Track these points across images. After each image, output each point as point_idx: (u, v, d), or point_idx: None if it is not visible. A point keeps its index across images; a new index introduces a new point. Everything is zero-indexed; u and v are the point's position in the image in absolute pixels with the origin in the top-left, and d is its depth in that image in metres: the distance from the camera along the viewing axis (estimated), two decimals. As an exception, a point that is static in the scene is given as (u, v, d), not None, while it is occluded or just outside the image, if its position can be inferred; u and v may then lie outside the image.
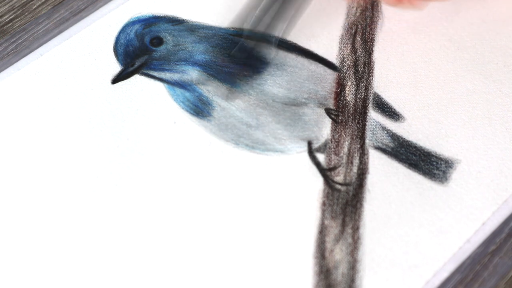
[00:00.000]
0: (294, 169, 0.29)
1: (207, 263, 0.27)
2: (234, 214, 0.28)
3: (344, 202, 0.28)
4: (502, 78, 0.31)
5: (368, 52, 0.32)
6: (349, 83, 0.31)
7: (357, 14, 0.33)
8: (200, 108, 0.30)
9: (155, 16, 0.33)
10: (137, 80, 0.31)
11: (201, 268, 0.27)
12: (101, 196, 0.28)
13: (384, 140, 0.30)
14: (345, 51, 0.32)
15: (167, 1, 0.34)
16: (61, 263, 0.27)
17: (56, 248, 0.27)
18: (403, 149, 0.30)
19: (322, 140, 0.30)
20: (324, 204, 0.28)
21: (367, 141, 0.30)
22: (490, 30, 0.33)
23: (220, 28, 0.33)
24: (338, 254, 0.27)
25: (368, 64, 0.32)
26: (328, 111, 0.30)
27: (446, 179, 0.29)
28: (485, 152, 0.30)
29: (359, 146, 0.30)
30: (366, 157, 0.29)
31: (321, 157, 0.29)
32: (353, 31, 0.33)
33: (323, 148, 0.30)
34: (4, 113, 0.31)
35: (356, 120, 0.30)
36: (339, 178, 0.29)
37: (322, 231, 0.28)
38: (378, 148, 0.30)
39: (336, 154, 0.29)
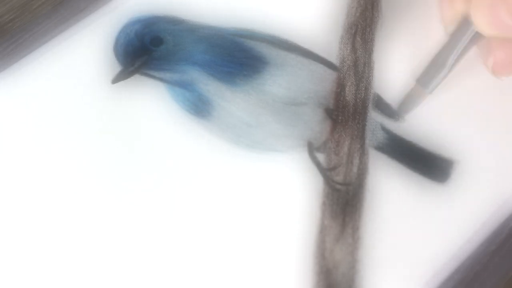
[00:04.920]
0: (294, 169, 0.29)
1: (207, 262, 0.27)
2: (234, 214, 0.28)
3: (344, 202, 0.28)
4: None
5: (368, 52, 0.32)
6: (349, 83, 0.31)
7: (357, 14, 0.33)
8: (200, 108, 0.30)
9: (155, 16, 0.33)
10: (137, 80, 0.31)
11: (201, 267, 0.27)
12: (100, 196, 0.28)
13: (384, 140, 0.30)
14: (345, 51, 0.32)
15: (167, 1, 0.34)
16: (61, 262, 0.27)
17: (56, 247, 0.27)
18: (403, 149, 0.30)
19: (322, 140, 0.30)
20: (324, 204, 0.28)
21: (367, 141, 0.30)
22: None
23: (220, 28, 0.32)
24: (338, 254, 0.27)
25: (368, 64, 0.32)
26: (328, 111, 0.30)
27: (446, 179, 0.29)
28: (485, 152, 0.30)
29: (359, 146, 0.30)
30: (366, 157, 0.29)
31: (321, 157, 0.29)
32: (353, 31, 0.33)
33: (323, 148, 0.30)
34: (4, 113, 0.31)
35: (356, 120, 0.30)
36: (339, 178, 0.29)
37: (322, 231, 0.28)
38: (378, 148, 0.30)
39: (336, 154, 0.29)
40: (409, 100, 0.30)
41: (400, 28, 0.33)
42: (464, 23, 0.28)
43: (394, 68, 0.32)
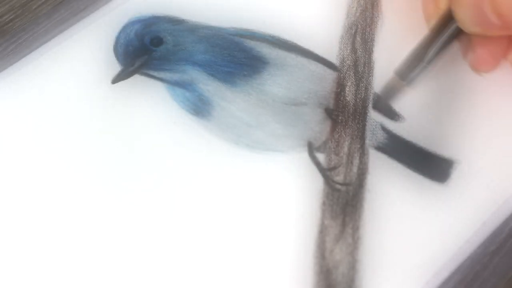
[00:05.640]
0: (294, 169, 0.29)
1: (207, 262, 0.27)
2: (234, 214, 0.28)
3: (344, 202, 0.28)
4: (503, 78, 0.31)
5: (368, 52, 0.32)
6: (349, 83, 0.31)
7: (357, 14, 0.33)
8: (200, 108, 0.30)
9: (155, 16, 0.33)
10: (137, 80, 0.31)
11: (201, 267, 0.27)
12: (100, 197, 0.28)
13: (384, 140, 0.30)
14: (345, 51, 0.32)
15: (167, 1, 0.34)
16: (62, 262, 0.27)
17: (57, 247, 0.27)
18: (403, 149, 0.30)
19: (322, 140, 0.30)
20: (324, 204, 0.28)
21: (367, 141, 0.30)
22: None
23: (220, 28, 0.32)
24: (338, 254, 0.27)
25: (368, 64, 0.32)
26: (328, 111, 0.30)
27: (446, 179, 0.29)
28: (485, 152, 0.30)
29: (359, 146, 0.30)
30: (366, 157, 0.29)
31: (321, 157, 0.29)
32: (353, 31, 0.33)
33: (323, 148, 0.30)
34: (4, 113, 0.31)
35: (356, 120, 0.30)
36: (339, 178, 0.29)
37: (322, 231, 0.28)
38: (378, 148, 0.30)
39: (336, 154, 0.29)
40: (388, 91, 0.30)
41: (400, 28, 0.33)
42: (446, 18, 0.28)
43: (394, 68, 0.32)
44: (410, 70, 0.29)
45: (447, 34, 0.28)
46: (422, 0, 0.30)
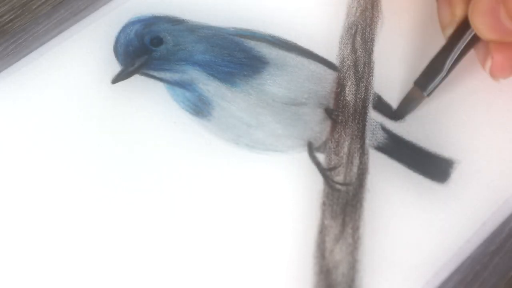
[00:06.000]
0: (294, 169, 0.29)
1: (207, 262, 0.27)
2: (234, 214, 0.28)
3: (344, 202, 0.28)
4: (502, 78, 0.31)
5: (368, 52, 0.32)
6: (349, 83, 0.31)
7: (357, 14, 0.33)
8: (200, 108, 0.30)
9: (155, 16, 0.33)
10: (137, 80, 0.31)
11: (201, 267, 0.27)
12: (100, 196, 0.28)
13: (384, 140, 0.30)
14: (345, 51, 0.32)
15: (167, 1, 0.34)
16: (62, 262, 0.27)
17: (58, 247, 0.27)
18: (403, 149, 0.30)
19: (322, 140, 0.30)
20: (324, 204, 0.28)
21: (367, 141, 0.30)
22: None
23: (220, 28, 0.33)
24: (338, 254, 0.27)
25: (368, 64, 0.32)
26: (328, 111, 0.30)
27: (446, 179, 0.29)
28: (485, 152, 0.30)
29: (359, 146, 0.30)
30: (366, 157, 0.29)
31: (321, 157, 0.29)
32: (353, 31, 0.33)
33: (323, 148, 0.30)
34: (4, 113, 0.31)
35: (356, 120, 0.30)
36: (339, 178, 0.29)
37: (322, 231, 0.28)
38: (378, 148, 0.30)
39: (336, 154, 0.29)
40: (407, 102, 0.30)
41: (400, 28, 0.33)
42: (462, 26, 0.29)
43: (394, 68, 0.32)
44: (430, 81, 0.29)
45: (464, 42, 0.29)
46: (438, 9, 0.30)
